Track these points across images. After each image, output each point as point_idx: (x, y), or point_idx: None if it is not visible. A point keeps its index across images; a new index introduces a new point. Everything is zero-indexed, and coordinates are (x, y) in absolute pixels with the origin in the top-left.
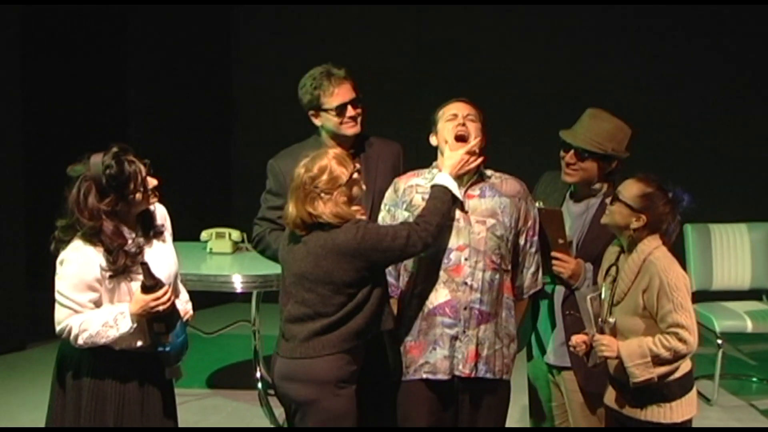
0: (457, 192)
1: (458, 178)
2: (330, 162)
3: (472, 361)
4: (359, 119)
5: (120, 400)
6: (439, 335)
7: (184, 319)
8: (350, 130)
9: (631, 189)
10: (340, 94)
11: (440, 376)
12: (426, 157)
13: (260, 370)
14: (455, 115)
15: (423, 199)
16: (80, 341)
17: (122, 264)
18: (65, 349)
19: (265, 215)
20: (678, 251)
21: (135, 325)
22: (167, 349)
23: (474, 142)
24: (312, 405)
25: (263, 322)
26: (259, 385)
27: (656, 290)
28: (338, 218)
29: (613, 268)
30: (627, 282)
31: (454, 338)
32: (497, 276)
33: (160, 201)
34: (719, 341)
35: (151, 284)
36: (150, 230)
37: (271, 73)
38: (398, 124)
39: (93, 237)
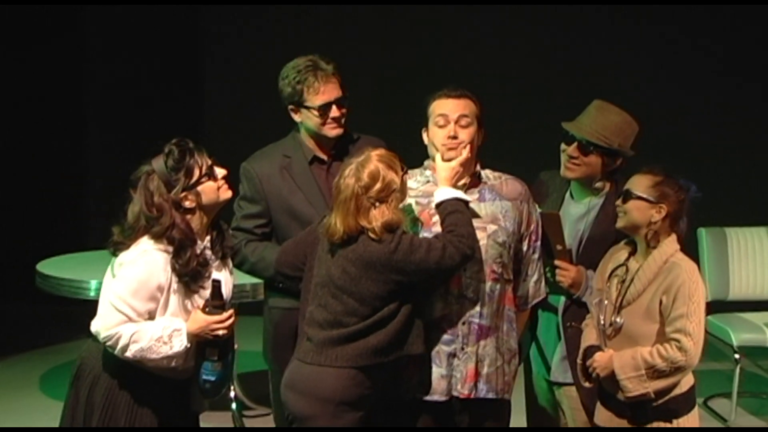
0: (466, 197)
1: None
2: (379, 166)
3: (471, 380)
4: (343, 120)
5: (131, 425)
6: (435, 353)
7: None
8: (332, 131)
9: (642, 182)
10: (325, 92)
11: (437, 397)
12: (418, 154)
13: (234, 390)
14: (445, 118)
15: (417, 203)
16: (128, 353)
17: (193, 268)
18: (87, 358)
19: (241, 225)
20: (690, 257)
21: (189, 345)
22: (213, 378)
23: (464, 155)
24: (307, 421)
25: (238, 336)
26: (233, 405)
27: (676, 291)
28: (388, 229)
29: (622, 269)
30: (644, 282)
31: (452, 356)
32: (498, 286)
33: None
34: (737, 356)
35: (219, 304)
36: (219, 248)
37: (241, 72)
38: (387, 119)
39: (161, 235)
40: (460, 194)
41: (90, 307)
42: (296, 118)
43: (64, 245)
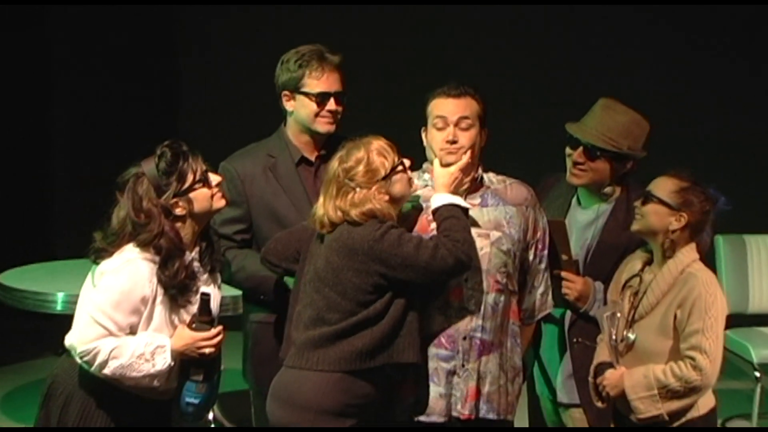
0: (464, 203)
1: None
2: (369, 153)
3: (472, 399)
4: (338, 117)
5: None
6: (433, 370)
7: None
8: (325, 126)
9: (665, 185)
10: (327, 81)
11: (435, 418)
12: (417, 155)
13: (213, 412)
14: (444, 120)
15: (413, 207)
16: (107, 370)
17: (180, 280)
18: (59, 376)
19: (219, 230)
20: (710, 268)
21: (173, 363)
22: (196, 401)
23: (464, 159)
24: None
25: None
26: (212, 426)
27: (691, 304)
28: (369, 215)
29: (635, 280)
30: (657, 294)
31: (452, 373)
32: (502, 299)
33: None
34: (757, 374)
35: (207, 320)
36: (208, 260)
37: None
38: (382, 118)
39: (148, 243)
40: (458, 200)
41: (57, 322)
42: (288, 106)
43: (28, 254)
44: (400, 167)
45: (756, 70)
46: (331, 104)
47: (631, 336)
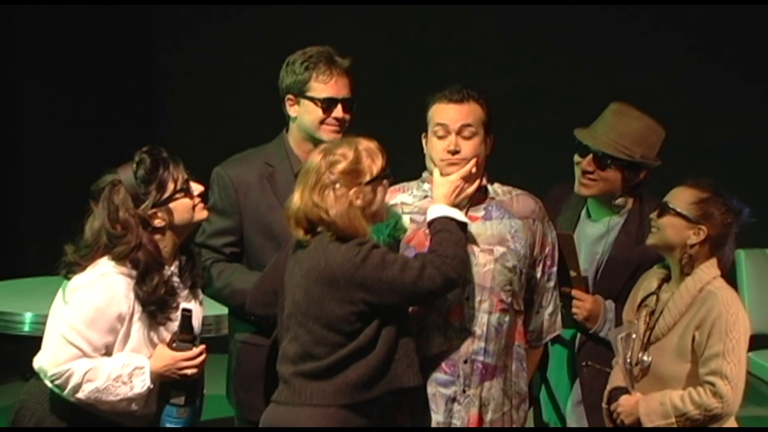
0: (462, 217)
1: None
2: (357, 151)
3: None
4: (345, 126)
5: None
6: (431, 396)
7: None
8: (330, 134)
9: (683, 196)
10: (335, 85)
11: None
12: (416, 165)
13: None
14: (445, 128)
15: (412, 220)
16: (81, 394)
17: (159, 296)
18: (28, 401)
19: (207, 242)
20: (729, 284)
21: (152, 386)
22: (178, 426)
23: (468, 167)
24: None
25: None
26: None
27: (710, 325)
28: (345, 223)
29: (652, 298)
30: (675, 314)
31: (452, 400)
32: (507, 319)
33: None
34: None
35: (188, 339)
36: (189, 275)
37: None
38: (380, 124)
39: (125, 257)
40: (454, 213)
41: (24, 344)
42: (292, 111)
43: None
44: (386, 176)
45: None
46: (338, 111)
47: (646, 359)
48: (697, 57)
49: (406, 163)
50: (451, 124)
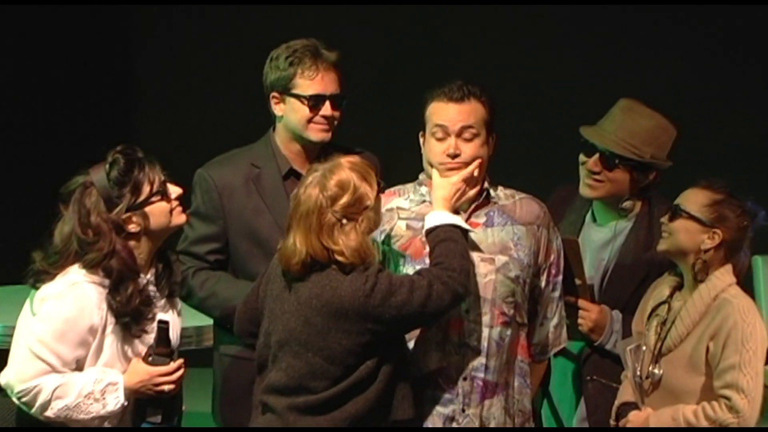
0: (465, 225)
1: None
2: (351, 175)
3: None
4: (334, 124)
5: None
6: (428, 415)
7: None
8: (319, 134)
9: (696, 198)
10: (322, 81)
11: None
12: (413, 167)
13: None
14: (444, 130)
15: (407, 226)
16: (49, 412)
17: (134, 307)
18: None
19: (189, 249)
20: (745, 292)
21: (126, 403)
22: None
23: (470, 168)
24: None
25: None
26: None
27: (725, 336)
28: (358, 256)
29: (663, 308)
30: (687, 324)
31: (450, 419)
32: (509, 332)
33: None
34: None
35: (165, 352)
36: (166, 284)
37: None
38: (373, 122)
39: (97, 264)
40: (456, 220)
41: None
42: (277, 110)
43: None
44: (381, 193)
45: None
46: (326, 109)
47: (657, 372)
48: (711, 53)
49: (401, 164)
50: (451, 126)
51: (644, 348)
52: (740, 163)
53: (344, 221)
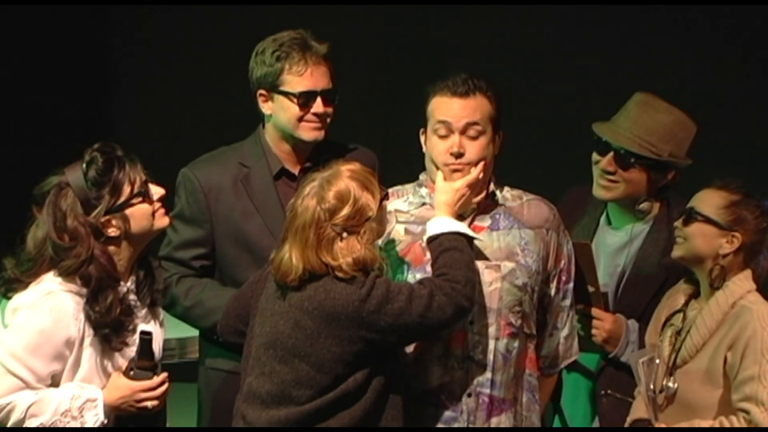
0: (470, 232)
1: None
2: (351, 185)
3: None
4: (327, 121)
5: None
6: None
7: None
8: (311, 133)
9: (711, 199)
10: (312, 77)
11: None
12: (413, 165)
13: None
14: (447, 127)
15: (406, 231)
16: None
17: (114, 317)
18: None
19: (173, 254)
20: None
21: (106, 421)
22: None
23: (474, 172)
24: None
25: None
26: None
27: (744, 345)
28: (361, 267)
29: (678, 317)
30: (704, 333)
31: None
32: (516, 344)
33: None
34: None
35: (148, 366)
36: (147, 292)
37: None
38: (370, 119)
39: (74, 272)
40: (461, 227)
41: None
42: (266, 108)
43: None
44: (384, 200)
45: None
46: (318, 106)
47: (672, 385)
48: (730, 50)
49: (401, 163)
50: (455, 122)
51: (658, 360)
52: (759, 159)
53: (345, 234)
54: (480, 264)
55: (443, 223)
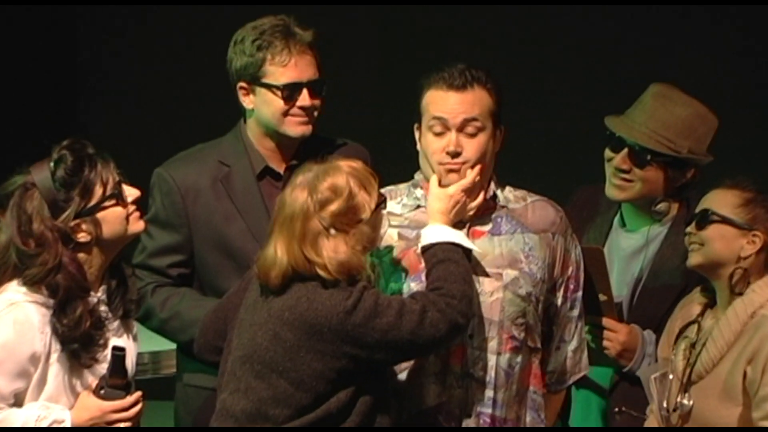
0: (467, 242)
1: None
2: (348, 181)
3: None
4: (315, 115)
5: None
6: None
7: None
8: (297, 128)
9: (726, 199)
10: (297, 67)
11: None
12: (408, 162)
13: None
14: (443, 123)
15: (400, 236)
16: None
17: (84, 331)
18: None
19: (148, 262)
20: None
21: None
22: None
23: (470, 177)
24: None
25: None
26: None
27: (765, 358)
28: (346, 274)
29: (692, 328)
30: (721, 346)
31: None
32: (519, 359)
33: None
34: None
35: (121, 384)
36: (120, 303)
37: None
38: (361, 114)
39: (40, 281)
40: (457, 237)
41: None
42: (247, 102)
43: None
44: (382, 204)
45: None
46: (304, 98)
47: (687, 402)
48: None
49: (394, 161)
50: (451, 118)
51: (671, 376)
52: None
53: (332, 231)
54: (480, 272)
55: (438, 231)
